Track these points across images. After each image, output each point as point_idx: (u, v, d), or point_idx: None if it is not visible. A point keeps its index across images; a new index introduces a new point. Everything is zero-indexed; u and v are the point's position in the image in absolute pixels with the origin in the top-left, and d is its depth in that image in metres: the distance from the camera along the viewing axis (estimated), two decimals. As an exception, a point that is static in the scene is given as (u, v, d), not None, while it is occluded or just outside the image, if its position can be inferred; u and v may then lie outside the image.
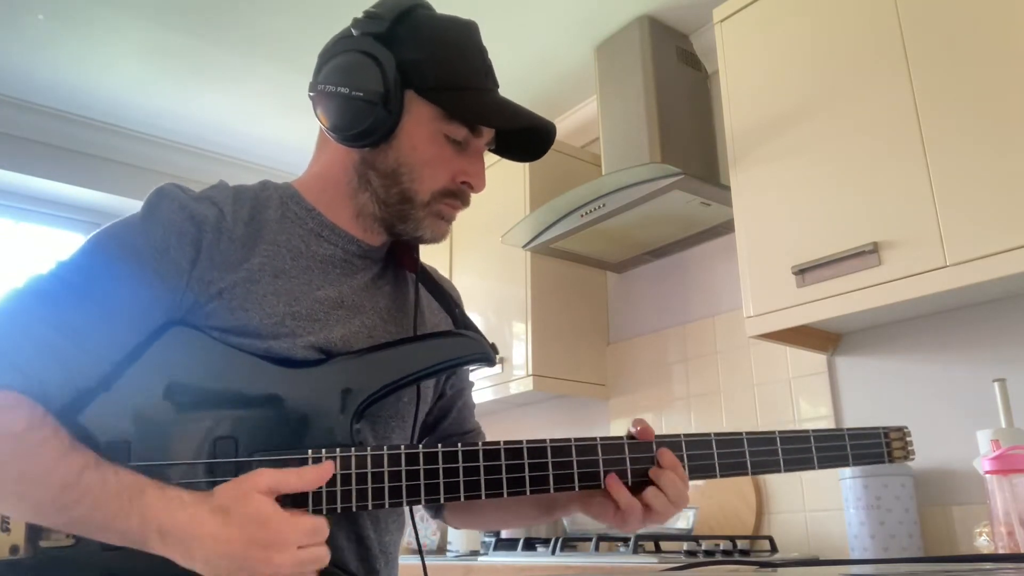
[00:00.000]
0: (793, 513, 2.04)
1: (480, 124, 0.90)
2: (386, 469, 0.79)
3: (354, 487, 0.78)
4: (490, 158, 0.98)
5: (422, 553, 1.03)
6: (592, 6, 2.40)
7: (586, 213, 2.26)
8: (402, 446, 0.81)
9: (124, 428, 0.78)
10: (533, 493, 0.84)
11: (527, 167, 2.63)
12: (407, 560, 1.11)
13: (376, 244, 0.96)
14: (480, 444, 0.84)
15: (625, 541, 2.01)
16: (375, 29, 0.88)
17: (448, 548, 2.53)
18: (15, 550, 0.76)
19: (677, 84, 2.42)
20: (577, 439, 0.87)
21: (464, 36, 0.92)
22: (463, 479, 0.82)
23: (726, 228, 2.29)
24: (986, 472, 1.26)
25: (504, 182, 2.64)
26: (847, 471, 1.75)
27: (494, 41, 0.98)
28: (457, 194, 0.92)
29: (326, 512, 0.77)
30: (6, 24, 2.45)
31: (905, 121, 1.59)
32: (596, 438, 0.88)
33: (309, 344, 0.85)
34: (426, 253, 1.08)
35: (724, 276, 2.36)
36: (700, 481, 2.10)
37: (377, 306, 0.95)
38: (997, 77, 1.47)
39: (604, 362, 2.70)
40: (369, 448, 0.80)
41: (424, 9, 0.91)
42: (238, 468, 0.78)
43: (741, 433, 0.92)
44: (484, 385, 2.63)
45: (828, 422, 2.01)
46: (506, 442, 0.85)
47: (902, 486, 1.71)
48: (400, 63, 0.86)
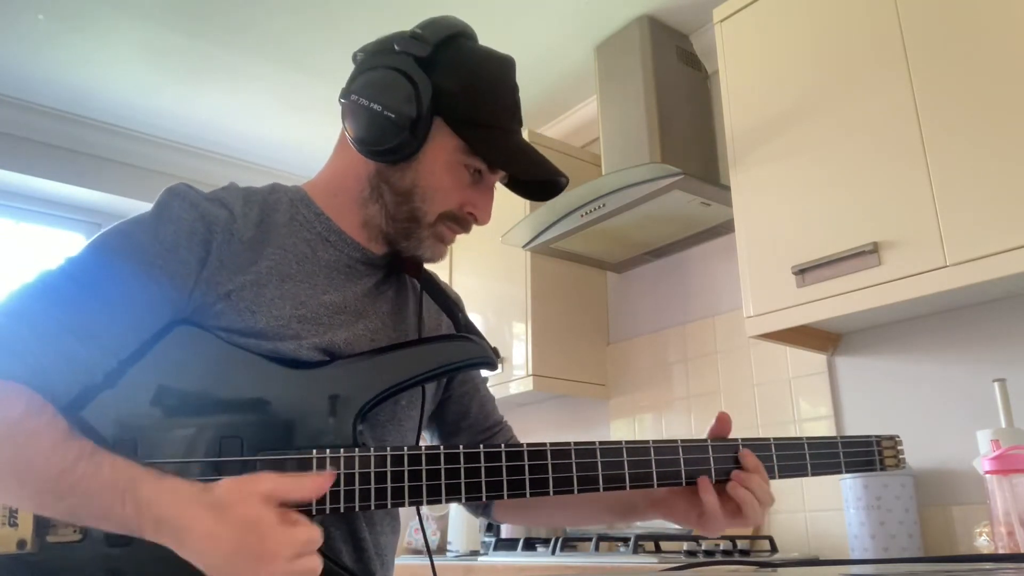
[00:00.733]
0: (793, 513, 2.04)
1: (500, 168, 0.93)
2: (389, 469, 0.80)
3: (357, 487, 0.79)
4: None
5: (430, 552, 1.03)
6: (592, 6, 2.40)
7: (586, 213, 2.26)
8: (405, 447, 0.82)
9: (130, 425, 0.79)
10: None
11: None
12: (406, 560, 1.11)
13: (379, 253, 0.97)
14: (482, 447, 0.84)
15: (625, 541, 2.01)
16: (417, 52, 0.89)
17: (448, 548, 2.53)
18: (22, 544, 0.76)
19: (677, 84, 2.42)
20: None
21: (500, 73, 0.94)
22: (464, 480, 0.83)
23: (726, 228, 2.29)
24: (986, 472, 1.26)
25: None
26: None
27: (494, 41, 0.99)
28: (461, 221, 0.95)
29: (329, 511, 0.78)
30: (6, 24, 2.45)
31: (905, 121, 1.59)
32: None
33: (314, 346, 0.86)
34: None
35: (724, 276, 2.36)
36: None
37: (380, 311, 0.96)
38: (997, 77, 1.47)
39: (604, 362, 2.70)
40: (372, 448, 0.81)
41: (467, 39, 0.93)
42: (243, 467, 0.79)
43: (737, 440, 0.93)
44: (484, 385, 2.63)
45: (828, 422, 2.01)
46: (523, 445, 0.86)
47: (902, 486, 1.71)
48: (435, 90, 0.88)
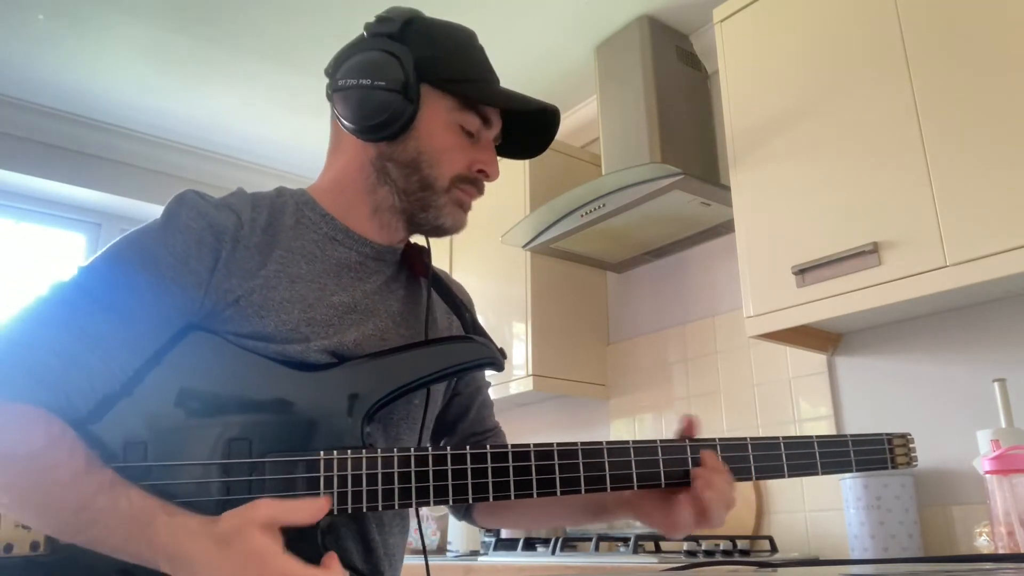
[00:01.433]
0: (793, 513, 2.04)
1: (495, 106, 0.95)
2: (396, 470, 0.81)
3: (364, 488, 0.80)
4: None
5: (426, 553, 1.04)
6: (592, 6, 2.40)
7: (586, 213, 2.26)
8: (411, 448, 0.83)
9: (141, 429, 0.80)
10: (539, 496, 0.85)
11: (527, 167, 2.63)
12: (406, 560, 1.11)
13: (391, 244, 0.98)
14: (488, 447, 0.85)
15: (625, 541, 2.01)
16: (388, 30, 0.93)
17: (448, 548, 2.53)
18: (35, 546, 0.77)
19: (677, 84, 2.42)
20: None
21: (467, 37, 0.97)
22: (471, 481, 0.83)
23: (726, 228, 2.29)
24: (986, 472, 1.27)
25: (504, 182, 2.64)
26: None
27: (494, 41, 1.00)
28: (473, 181, 0.96)
29: (336, 512, 0.79)
30: (6, 24, 2.45)
31: (905, 121, 1.59)
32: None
33: (322, 348, 0.87)
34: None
35: (724, 276, 2.36)
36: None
37: (390, 310, 0.97)
38: (997, 77, 1.47)
39: (604, 362, 2.70)
40: (379, 450, 0.82)
41: (427, 17, 0.97)
42: (251, 468, 0.80)
43: (745, 439, 0.93)
44: (484, 385, 2.63)
45: (828, 422, 2.02)
46: (516, 446, 0.86)
47: (902, 486, 1.71)
48: (416, 58, 0.91)
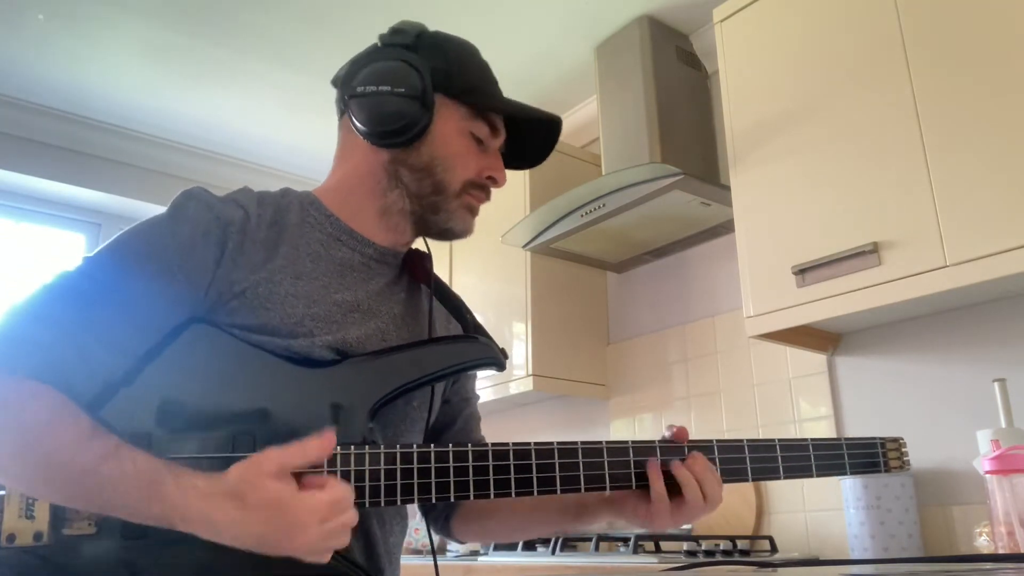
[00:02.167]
0: (793, 513, 2.04)
1: (506, 114, 0.99)
2: (399, 467, 0.81)
3: (367, 484, 0.80)
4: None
5: (434, 552, 1.05)
6: (592, 6, 2.40)
7: (586, 213, 2.26)
8: (414, 445, 0.83)
9: (145, 421, 0.80)
10: (540, 494, 0.86)
11: (527, 167, 2.63)
12: (406, 560, 1.12)
13: (395, 246, 0.99)
14: (490, 445, 0.85)
15: (625, 541, 2.01)
16: (403, 41, 0.96)
17: (448, 548, 2.53)
18: (39, 536, 0.77)
19: (677, 84, 2.42)
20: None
21: (474, 51, 1.01)
22: (472, 478, 0.84)
23: (726, 228, 2.29)
24: (986, 472, 1.27)
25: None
26: (847, 471, 1.76)
27: (494, 41, 1.01)
28: (482, 187, 1.00)
29: None
30: (6, 24, 2.45)
31: (905, 121, 1.59)
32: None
33: (326, 344, 0.88)
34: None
35: (724, 276, 2.36)
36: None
37: (392, 311, 0.98)
38: (997, 77, 1.47)
39: (604, 362, 2.70)
40: (383, 446, 0.82)
41: (435, 31, 1.01)
42: None
43: (742, 440, 0.93)
44: (484, 385, 2.63)
45: (828, 422, 2.01)
46: (516, 444, 0.86)
47: (902, 486, 1.71)
48: (431, 68, 0.94)
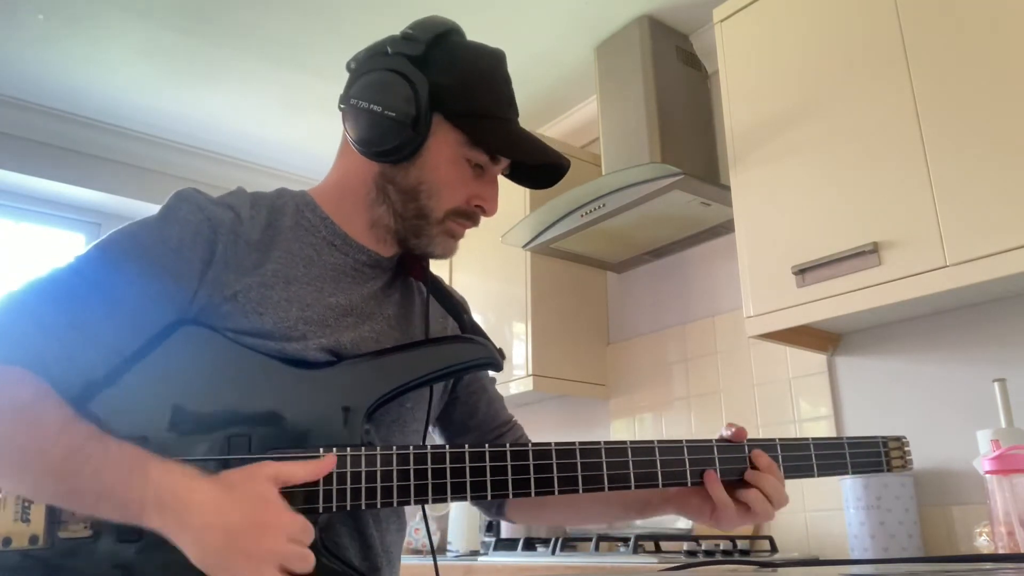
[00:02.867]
0: (793, 513, 2.04)
1: (503, 155, 0.94)
2: (395, 468, 0.81)
3: (363, 485, 0.80)
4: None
5: (434, 552, 1.04)
6: (592, 6, 2.40)
7: (586, 213, 2.26)
8: (411, 446, 0.83)
9: (139, 424, 0.80)
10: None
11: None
12: (406, 560, 1.12)
13: (387, 255, 0.98)
14: (487, 447, 0.85)
15: (625, 541, 2.01)
16: (410, 51, 0.91)
17: (448, 548, 2.53)
18: (34, 540, 0.77)
19: (677, 84, 2.42)
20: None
21: (493, 66, 0.95)
22: (469, 479, 0.83)
23: (726, 228, 2.29)
24: (986, 472, 1.26)
25: (504, 183, 2.64)
26: (847, 471, 1.76)
27: (494, 41, 0.99)
28: (469, 215, 0.96)
29: (336, 509, 0.79)
30: (6, 24, 2.45)
31: (905, 121, 1.59)
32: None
33: (320, 346, 0.87)
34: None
35: (724, 276, 2.36)
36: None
37: (386, 313, 0.97)
38: (997, 77, 1.47)
39: (604, 362, 2.70)
40: (378, 447, 0.82)
41: (457, 35, 0.95)
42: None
43: (743, 442, 0.93)
44: (484, 385, 2.63)
45: (828, 422, 2.01)
46: (514, 446, 0.86)
47: (902, 486, 1.71)
48: (432, 86, 0.89)
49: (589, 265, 2.69)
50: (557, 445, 0.87)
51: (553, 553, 2.04)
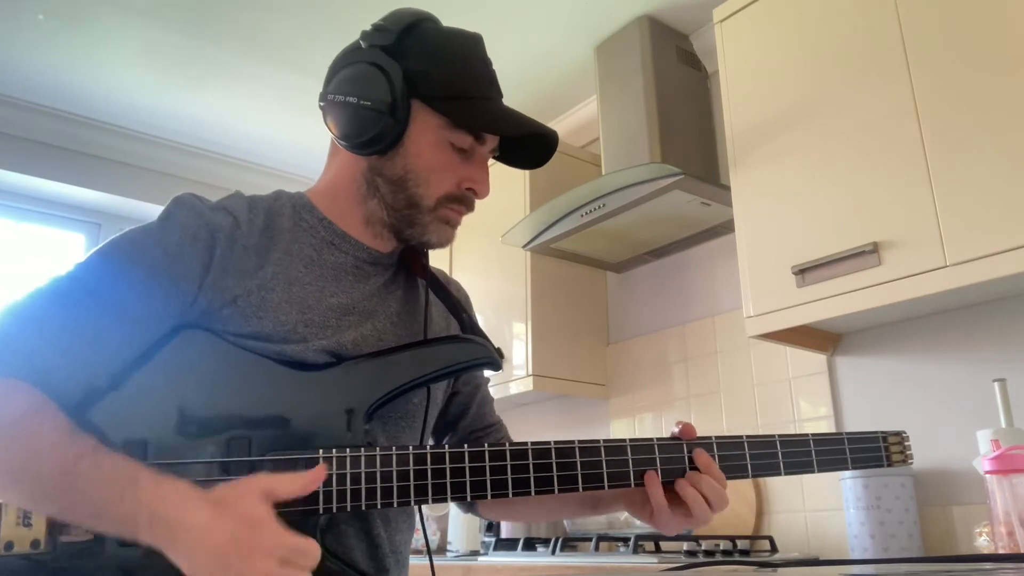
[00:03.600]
0: (793, 513, 2.04)
1: (484, 131, 0.93)
2: (395, 469, 0.81)
3: (363, 486, 0.80)
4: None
5: (430, 552, 1.04)
6: (592, 6, 2.40)
7: (586, 213, 2.26)
8: (410, 446, 0.83)
9: (140, 428, 0.80)
10: (537, 495, 0.86)
11: (527, 167, 2.63)
12: (411, 560, 1.12)
13: (386, 251, 0.98)
14: (486, 446, 0.85)
15: (625, 541, 2.01)
16: (383, 41, 0.91)
17: (448, 548, 2.53)
18: (36, 544, 0.77)
19: (677, 84, 2.42)
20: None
21: (469, 48, 0.94)
22: (469, 479, 0.84)
23: (726, 228, 2.29)
24: (986, 472, 1.27)
25: (504, 182, 2.64)
26: (847, 471, 1.75)
27: (494, 41, 0.99)
28: (462, 199, 0.95)
29: (336, 510, 0.79)
30: (6, 24, 2.45)
31: (905, 121, 1.59)
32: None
33: (321, 348, 0.87)
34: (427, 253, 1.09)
35: (724, 276, 2.36)
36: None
37: (388, 311, 0.97)
38: (997, 77, 1.47)
39: (604, 362, 2.70)
40: (378, 448, 0.82)
41: (431, 23, 0.94)
42: (251, 467, 0.80)
43: (741, 437, 0.93)
44: (484, 385, 2.63)
45: (828, 422, 2.01)
46: (527, 443, 0.87)
47: (902, 486, 1.71)
48: (407, 73, 0.89)
49: (589, 265, 2.69)
50: (556, 444, 0.87)
51: (553, 553, 2.04)
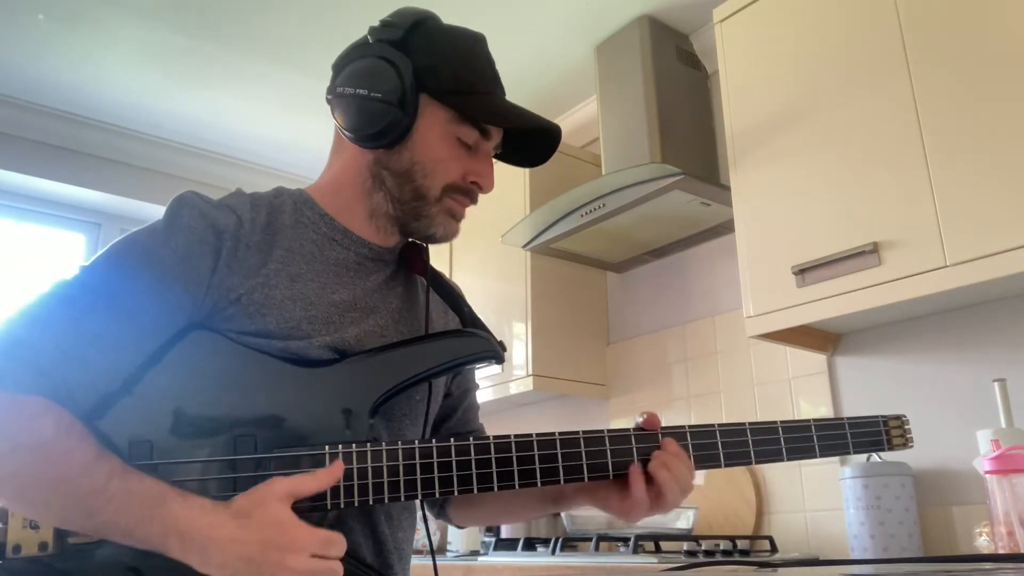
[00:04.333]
0: (793, 513, 2.04)
1: (491, 124, 0.94)
2: (401, 463, 0.82)
3: (370, 481, 0.81)
4: (491, 159, 1.00)
5: (433, 551, 1.05)
6: (592, 6, 2.40)
7: (586, 213, 2.26)
8: (416, 441, 0.83)
9: (147, 428, 0.80)
10: (544, 485, 0.86)
11: (527, 167, 2.63)
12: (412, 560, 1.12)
13: (388, 245, 0.98)
14: (491, 437, 0.86)
15: (625, 541, 2.01)
16: (391, 37, 0.92)
17: (448, 548, 2.53)
18: (44, 547, 0.77)
19: (677, 84, 2.42)
20: (585, 432, 0.89)
21: (474, 44, 0.96)
22: (475, 471, 0.84)
23: (726, 228, 2.29)
24: (986, 472, 1.27)
25: (504, 182, 2.63)
26: (847, 470, 1.76)
27: (494, 41, 1.00)
28: (467, 192, 0.96)
29: (344, 505, 0.80)
30: (6, 24, 2.45)
31: (905, 121, 1.59)
32: (603, 430, 0.90)
33: (324, 344, 0.88)
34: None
35: (724, 276, 2.36)
36: (700, 480, 2.10)
37: (389, 307, 0.97)
38: (997, 77, 1.47)
39: (604, 362, 2.70)
40: (384, 443, 0.82)
41: (435, 21, 0.96)
42: (256, 464, 0.81)
43: (744, 423, 0.94)
44: (484, 385, 2.63)
45: (828, 422, 2.01)
46: (518, 436, 0.87)
47: (902, 486, 1.71)
48: (415, 68, 0.90)
49: (589, 265, 2.69)
50: (539, 436, 0.87)
51: (553, 553, 2.04)
